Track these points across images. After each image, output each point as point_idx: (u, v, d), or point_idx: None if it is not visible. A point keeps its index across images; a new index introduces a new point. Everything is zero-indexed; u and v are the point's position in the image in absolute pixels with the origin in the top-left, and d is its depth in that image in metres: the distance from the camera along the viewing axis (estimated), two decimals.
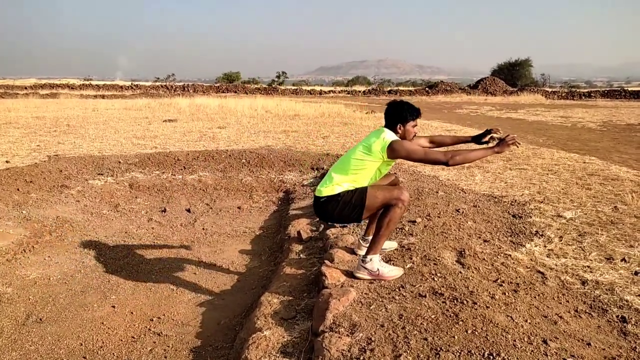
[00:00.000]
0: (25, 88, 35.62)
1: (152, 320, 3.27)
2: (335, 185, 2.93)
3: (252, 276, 4.01)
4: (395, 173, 3.30)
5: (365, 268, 2.93)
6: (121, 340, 3.03)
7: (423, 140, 3.33)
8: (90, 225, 5.03)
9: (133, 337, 3.06)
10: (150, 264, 4.23)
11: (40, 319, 3.21)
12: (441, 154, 2.85)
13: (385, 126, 3.02)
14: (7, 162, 7.08)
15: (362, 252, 3.12)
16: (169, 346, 2.96)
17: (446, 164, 2.83)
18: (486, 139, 3.37)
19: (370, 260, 2.92)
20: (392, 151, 2.84)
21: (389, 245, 3.42)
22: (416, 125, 3.05)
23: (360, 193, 2.89)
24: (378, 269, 2.91)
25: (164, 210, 5.67)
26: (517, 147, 3.00)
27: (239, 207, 5.91)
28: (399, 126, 2.97)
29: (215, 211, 5.78)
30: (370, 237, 3.10)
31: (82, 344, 2.96)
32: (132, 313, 3.35)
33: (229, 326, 3.16)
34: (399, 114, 2.97)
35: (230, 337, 3.00)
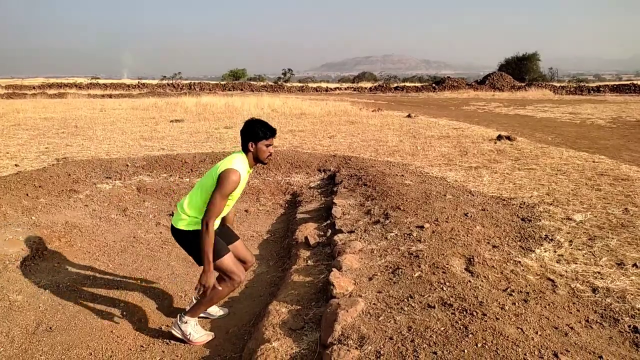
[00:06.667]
0: (34, 88, 35.91)
1: (161, 328, 3.28)
2: (183, 215, 2.93)
3: (260, 282, 4.02)
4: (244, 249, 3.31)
5: (180, 328, 3.07)
6: (130, 349, 3.05)
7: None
8: (98, 230, 5.05)
9: (142, 346, 3.07)
10: (158, 270, 4.24)
11: (50, 328, 3.23)
12: (208, 220, 2.73)
13: (242, 148, 2.95)
14: (16, 165, 7.14)
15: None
16: (177, 355, 2.97)
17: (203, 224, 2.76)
18: None
19: (186, 322, 3.06)
20: (219, 178, 2.77)
21: (217, 311, 3.45)
22: (271, 145, 2.94)
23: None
24: (190, 333, 3.06)
25: (172, 214, 5.68)
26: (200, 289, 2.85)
27: (246, 210, 5.91)
28: (250, 144, 2.88)
29: None
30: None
31: (91, 353, 2.98)
32: (140, 321, 3.36)
33: (237, 335, 3.17)
34: (252, 131, 2.87)
35: (239, 346, 3.00)
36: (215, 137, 10.28)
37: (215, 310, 3.45)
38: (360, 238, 3.94)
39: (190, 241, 2.95)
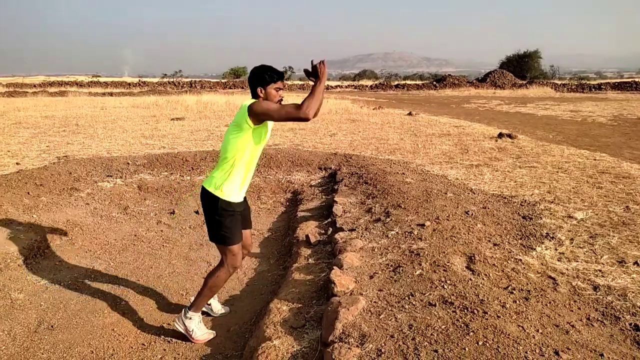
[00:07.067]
0: (35, 86, 35.90)
1: (162, 326, 3.28)
2: (217, 175, 2.89)
3: (261, 281, 4.02)
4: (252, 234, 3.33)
5: (183, 323, 3.06)
6: (132, 347, 3.05)
7: None
8: (100, 228, 5.06)
9: (143, 344, 3.08)
10: (159, 268, 4.25)
11: (52, 326, 3.24)
12: (293, 107, 2.68)
13: (252, 96, 2.92)
14: (17, 164, 7.14)
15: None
16: (179, 354, 2.98)
17: (306, 119, 2.66)
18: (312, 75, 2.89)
19: (190, 318, 3.06)
20: (253, 113, 2.73)
21: (219, 309, 3.46)
22: (280, 89, 2.90)
23: (223, 210, 2.89)
24: (193, 329, 3.05)
25: (173, 212, 5.69)
26: (324, 65, 2.77)
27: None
28: (259, 89, 2.84)
29: None
30: None
31: (93, 352, 2.98)
32: (142, 319, 3.37)
33: (238, 333, 3.17)
34: (259, 77, 2.84)
35: (240, 344, 3.01)
36: (216, 135, 10.27)
37: (217, 308, 3.45)
38: (361, 236, 3.94)
39: (208, 205, 2.93)
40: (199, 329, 3.09)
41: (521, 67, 46.84)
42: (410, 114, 15.15)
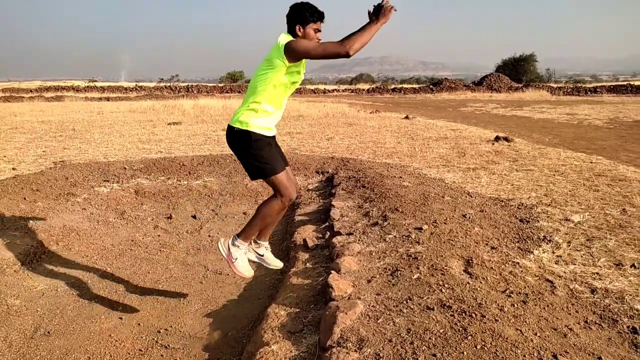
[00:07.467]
0: (31, 91, 35.83)
1: (160, 332, 3.27)
2: (244, 111, 2.84)
3: (259, 285, 4.01)
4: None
5: (229, 248, 3.04)
6: (129, 353, 3.04)
7: None
8: (96, 233, 5.04)
9: (140, 350, 3.06)
10: (156, 273, 4.23)
11: (48, 332, 3.22)
12: (336, 44, 2.60)
13: (288, 32, 2.84)
14: (13, 169, 7.12)
15: (258, 248, 3.22)
16: (176, 359, 2.96)
17: (346, 54, 2.58)
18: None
19: (238, 247, 3.00)
20: (290, 51, 2.66)
21: (275, 261, 3.32)
22: (319, 30, 2.82)
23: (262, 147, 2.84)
24: (237, 258, 3.00)
25: (170, 217, 5.68)
26: (395, 10, 2.67)
27: (244, 213, 5.91)
28: (298, 28, 2.76)
29: (221, 217, 5.79)
30: (262, 242, 3.22)
31: (89, 358, 2.96)
32: (139, 324, 3.36)
33: (236, 338, 3.16)
34: (299, 14, 2.75)
35: (238, 349, 2.99)
36: (213, 140, 10.27)
37: (272, 259, 3.29)
38: (359, 240, 3.93)
39: (239, 141, 2.86)
40: (243, 261, 3.00)
41: (517, 71, 47.09)
42: (407, 117, 15.19)
